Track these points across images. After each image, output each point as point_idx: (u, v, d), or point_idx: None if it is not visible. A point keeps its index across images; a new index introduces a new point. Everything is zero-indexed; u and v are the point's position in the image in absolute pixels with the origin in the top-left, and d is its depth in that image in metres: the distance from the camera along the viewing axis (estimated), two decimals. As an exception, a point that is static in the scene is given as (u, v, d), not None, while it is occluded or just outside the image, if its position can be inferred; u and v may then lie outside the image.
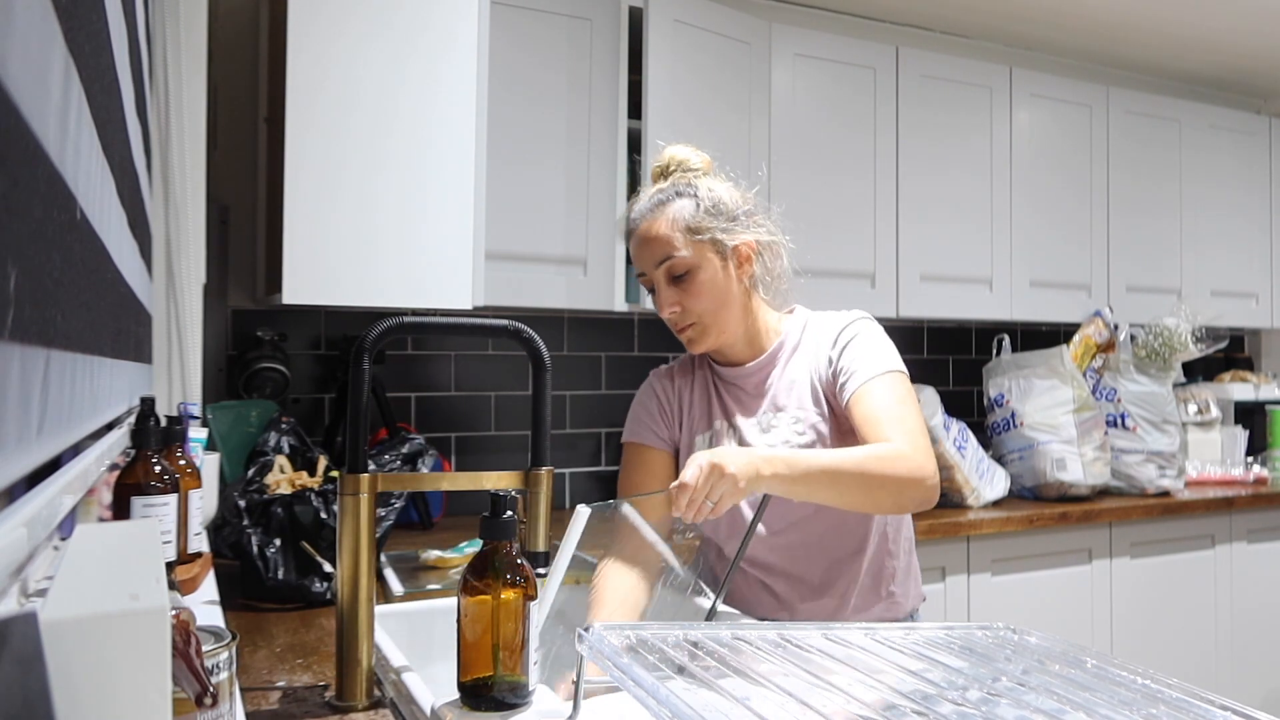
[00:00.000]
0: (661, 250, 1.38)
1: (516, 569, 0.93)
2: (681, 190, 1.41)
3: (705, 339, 1.41)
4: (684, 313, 1.39)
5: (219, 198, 2.16)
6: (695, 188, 1.41)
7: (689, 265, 1.37)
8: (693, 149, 1.49)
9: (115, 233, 0.91)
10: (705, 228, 1.38)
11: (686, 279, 1.38)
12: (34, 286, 0.46)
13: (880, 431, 1.29)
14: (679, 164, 1.46)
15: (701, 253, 1.38)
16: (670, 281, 1.39)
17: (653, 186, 1.46)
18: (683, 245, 1.37)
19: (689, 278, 1.38)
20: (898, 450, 1.25)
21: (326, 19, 1.89)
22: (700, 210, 1.39)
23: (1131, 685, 0.76)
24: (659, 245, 1.38)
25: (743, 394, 1.47)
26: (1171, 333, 2.91)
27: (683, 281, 1.38)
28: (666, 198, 1.41)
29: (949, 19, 3.14)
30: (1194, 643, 2.82)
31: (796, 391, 1.42)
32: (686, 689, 0.67)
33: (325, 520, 1.53)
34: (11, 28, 0.38)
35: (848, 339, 1.40)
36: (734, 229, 1.40)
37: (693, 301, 1.38)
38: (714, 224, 1.39)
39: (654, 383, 1.57)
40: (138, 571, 0.48)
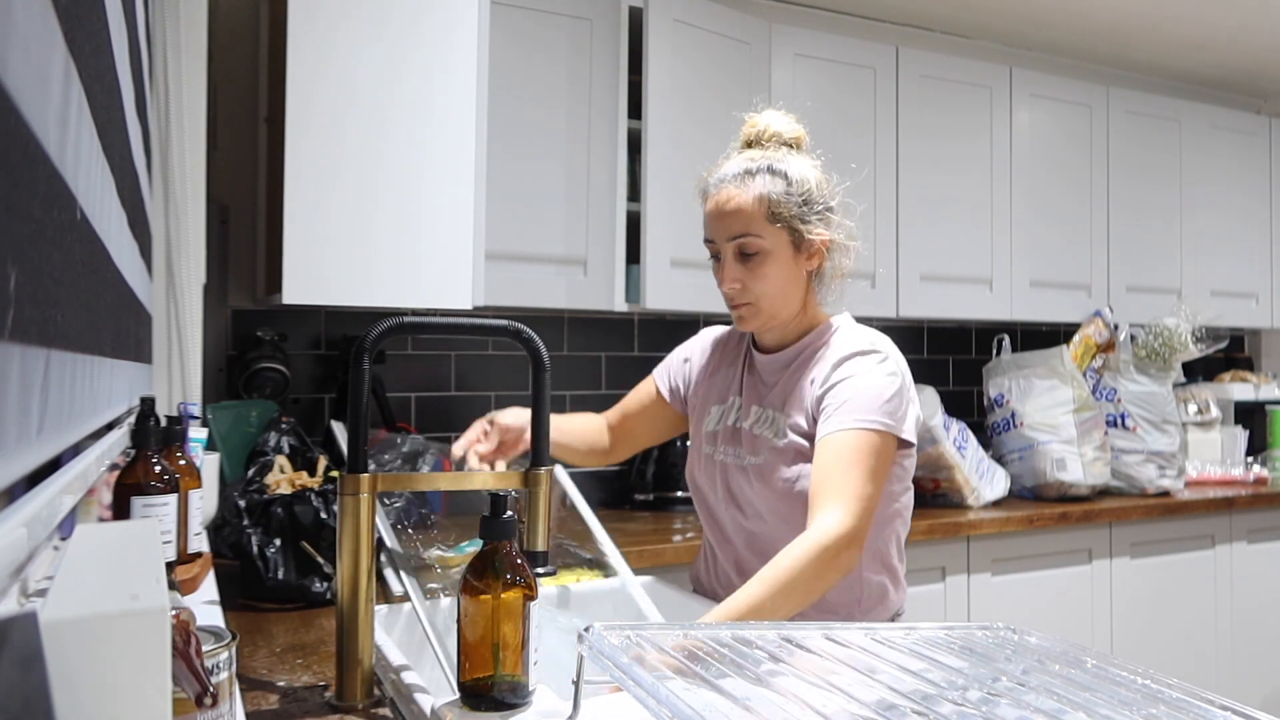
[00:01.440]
0: (739, 225, 1.34)
1: (516, 569, 0.93)
2: (775, 167, 1.35)
3: (755, 320, 1.39)
4: (743, 291, 1.36)
5: (219, 198, 2.16)
6: (788, 168, 1.35)
7: (760, 248, 1.34)
8: (791, 118, 1.43)
9: (115, 233, 0.91)
10: (788, 214, 1.34)
11: (755, 260, 1.35)
12: (34, 286, 0.46)
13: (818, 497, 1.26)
14: (773, 135, 1.40)
15: (777, 238, 1.34)
16: (738, 257, 1.35)
17: (742, 153, 1.40)
18: (760, 226, 1.33)
19: (757, 259, 1.34)
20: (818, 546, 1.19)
21: (326, 19, 1.89)
22: (787, 193, 1.34)
23: (1131, 685, 0.76)
24: (737, 220, 1.34)
25: (756, 378, 1.47)
26: (1171, 333, 2.91)
27: (750, 261, 1.35)
28: (756, 168, 1.35)
29: (949, 19, 3.14)
30: (1194, 643, 2.82)
31: (791, 399, 1.40)
32: (686, 689, 0.67)
33: (325, 520, 1.53)
34: (11, 28, 0.38)
35: (843, 375, 1.34)
36: (815, 221, 1.36)
37: (755, 283, 1.35)
38: (797, 211, 1.34)
39: (704, 340, 1.60)
40: (138, 571, 0.48)
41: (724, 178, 1.37)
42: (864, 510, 1.25)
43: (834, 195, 1.40)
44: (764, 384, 1.46)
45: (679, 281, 2.37)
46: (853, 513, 1.24)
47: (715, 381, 1.53)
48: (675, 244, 2.35)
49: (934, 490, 2.58)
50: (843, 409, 1.30)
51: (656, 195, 2.32)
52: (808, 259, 1.38)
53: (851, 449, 1.28)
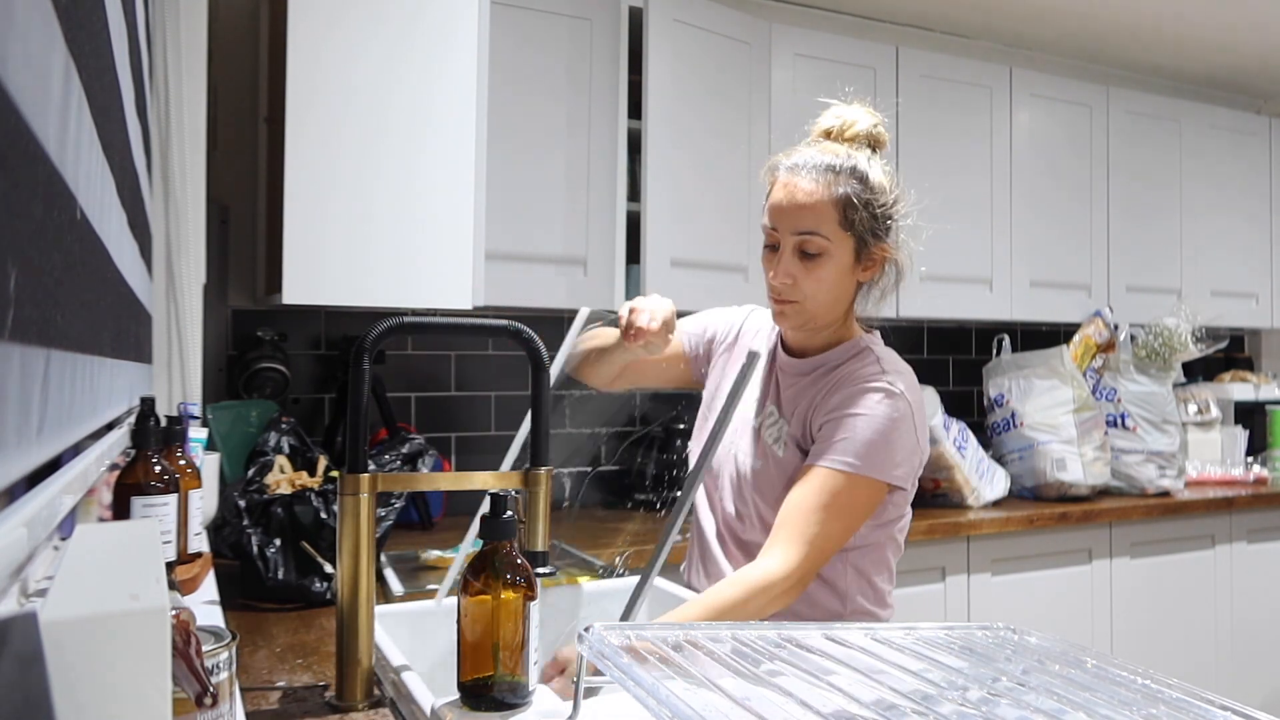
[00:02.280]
0: (808, 221, 1.28)
1: (516, 569, 0.93)
2: (857, 168, 1.30)
3: (796, 319, 1.33)
4: (794, 288, 1.30)
5: (219, 198, 2.16)
6: (869, 173, 1.30)
7: (825, 249, 1.28)
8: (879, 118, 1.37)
9: (115, 233, 0.91)
10: (860, 221, 1.28)
11: (815, 260, 1.29)
12: (34, 286, 0.46)
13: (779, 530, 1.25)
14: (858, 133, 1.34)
15: (843, 243, 1.29)
16: (797, 253, 1.29)
17: (822, 145, 1.34)
18: (831, 228, 1.28)
19: (818, 260, 1.29)
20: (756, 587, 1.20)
21: (326, 19, 1.89)
22: (865, 201, 1.28)
23: (1131, 685, 0.76)
24: (807, 215, 1.28)
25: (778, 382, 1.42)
26: (1171, 333, 2.91)
27: (810, 260, 1.29)
28: (840, 167, 1.29)
29: (949, 19, 3.14)
30: (1194, 643, 2.82)
31: (800, 410, 1.36)
32: (686, 689, 0.67)
33: (325, 520, 1.53)
34: (11, 28, 0.38)
35: (846, 410, 1.29)
36: (881, 233, 1.32)
37: (809, 284, 1.30)
38: (868, 221, 1.29)
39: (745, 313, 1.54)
40: (138, 571, 0.48)
41: (803, 164, 1.30)
42: (817, 553, 1.23)
43: (907, 213, 1.36)
44: (779, 384, 1.42)
45: (679, 281, 2.37)
46: (803, 555, 1.22)
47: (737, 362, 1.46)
48: (675, 244, 2.35)
49: (934, 490, 2.58)
50: (833, 444, 1.27)
51: (656, 195, 2.32)
52: (864, 270, 1.33)
53: (824, 490, 1.25)
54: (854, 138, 1.34)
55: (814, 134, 1.38)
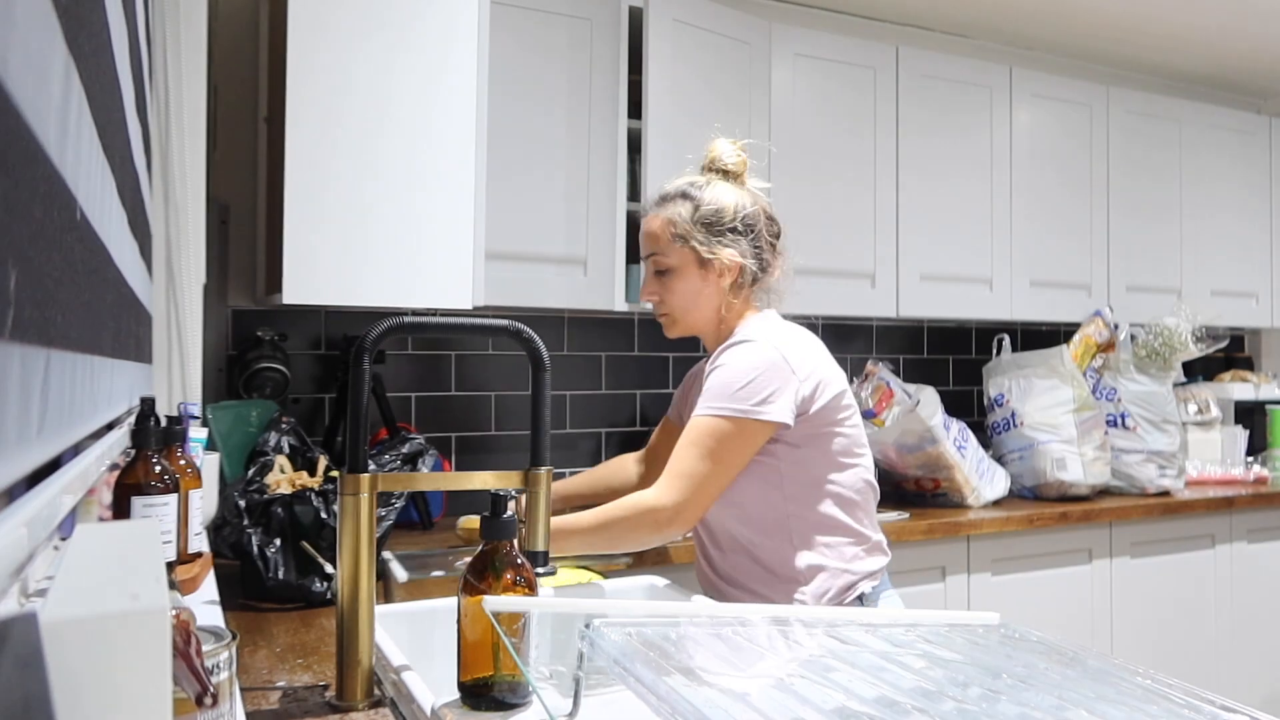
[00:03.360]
0: (650, 245, 1.56)
1: (517, 569, 0.93)
2: (688, 192, 1.54)
3: (673, 328, 1.58)
4: (660, 302, 1.56)
5: (219, 198, 2.16)
6: (702, 194, 1.53)
7: (668, 265, 1.54)
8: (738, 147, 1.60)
9: (115, 233, 0.91)
10: (691, 236, 1.51)
11: (667, 276, 1.54)
12: (34, 286, 0.46)
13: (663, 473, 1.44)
14: (714, 161, 1.59)
15: (683, 257, 1.52)
16: (654, 273, 1.56)
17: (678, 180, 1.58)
18: (666, 246, 1.53)
19: (668, 275, 1.54)
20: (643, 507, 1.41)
21: (327, 19, 1.89)
22: (694, 219, 1.51)
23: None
24: (649, 240, 1.56)
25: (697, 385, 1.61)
26: (1171, 332, 2.91)
27: (663, 277, 1.55)
28: (672, 194, 1.55)
29: (949, 19, 3.14)
30: (1194, 643, 2.82)
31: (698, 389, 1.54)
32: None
33: (325, 520, 1.53)
34: (11, 28, 0.38)
35: (713, 366, 1.48)
36: (718, 244, 1.51)
37: (667, 295, 1.55)
38: (700, 235, 1.50)
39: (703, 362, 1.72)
40: (138, 571, 0.48)
41: (648, 203, 1.59)
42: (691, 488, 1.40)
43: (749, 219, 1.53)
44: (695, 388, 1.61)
45: (679, 281, 2.37)
46: (677, 489, 1.40)
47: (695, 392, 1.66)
48: (675, 244, 2.35)
49: (934, 490, 2.58)
50: (704, 395, 1.46)
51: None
52: (718, 275, 1.53)
53: (694, 432, 1.43)
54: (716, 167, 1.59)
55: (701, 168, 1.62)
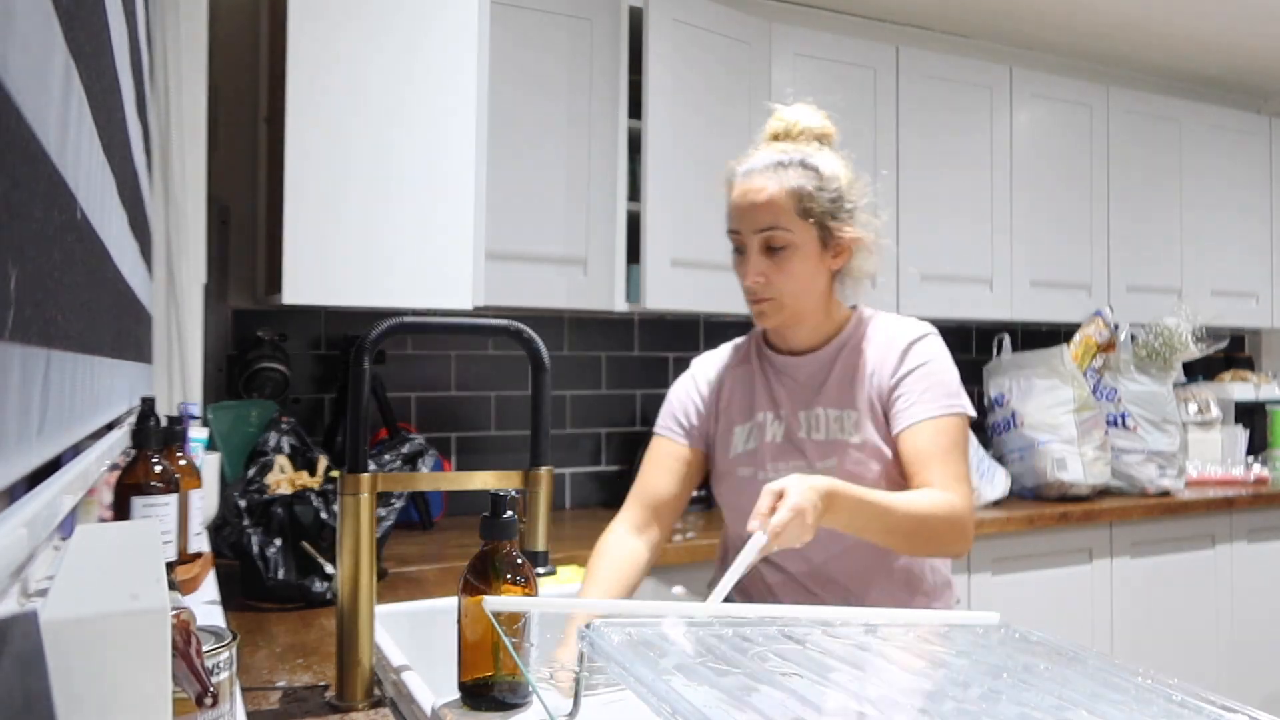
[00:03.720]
0: (767, 218, 1.31)
1: (517, 569, 0.93)
2: (806, 160, 1.33)
3: (777, 316, 1.35)
4: (767, 285, 1.33)
5: (219, 198, 2.16)
6: (820, 163, 1.34)
7: (789, 242, 1.31)
8: (822, 114, 1.42)
9: (115, 233, 0.91)
10: (818, 209, 1.32)
11: (782, 254, 1.32)
12: (34, 286, 0.46)
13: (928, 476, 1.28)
14: (804, 130, 1.39)
15: (806, 233, 1.32)
16: (764, 251, 1.32)
17: (772, 145, 1.38)
18: (790, 220, 1.31)
19: (785, 254, 1.32)
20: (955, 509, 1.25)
21: (327, 19, 1.89)
22: (817, 188, 1.32)
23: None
24: (765, 212, 1.31)
25: (794, 384, 1.42)
26: (1172, 332, 2.91)
27: (777, 255, 1.32)
28: (789, 161, 1.33)
29: (949, 19, 3.14)
30: (1194, 643, 2.82)
31: (852, 394, 1.37)
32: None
33: (325, 520, 1.53)
34: (12, 28, 0.38)
35: (916, 362, 1.35)
36: (844, 219, 1.35)
37: (781, 278, 1.32)
38: (828, 208, 1.32)
39: (695, 373, 1.52)
40: (138, 571, 0.48)
41: (754, 168, 1.34)
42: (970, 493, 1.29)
43: (864, 194, 1.38)
44: (799, 384, 1.42)
45: (679, 281, 2.37)
46: (967, 496, 1.28)
47: (734, 402, 1.46)
48: (675, 244, 2.35)
49: (934, 490, 2.58)
50: (927, 395, 1.33)
51: (656, 195, 2.32)
52: (834, 257, 1.36)
53: (949, 434, 1.31)
54: (801, 134, 1.39)
55: (763, 139, 1.42)
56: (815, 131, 1.39)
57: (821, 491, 1.12)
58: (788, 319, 1.37)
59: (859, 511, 1.18)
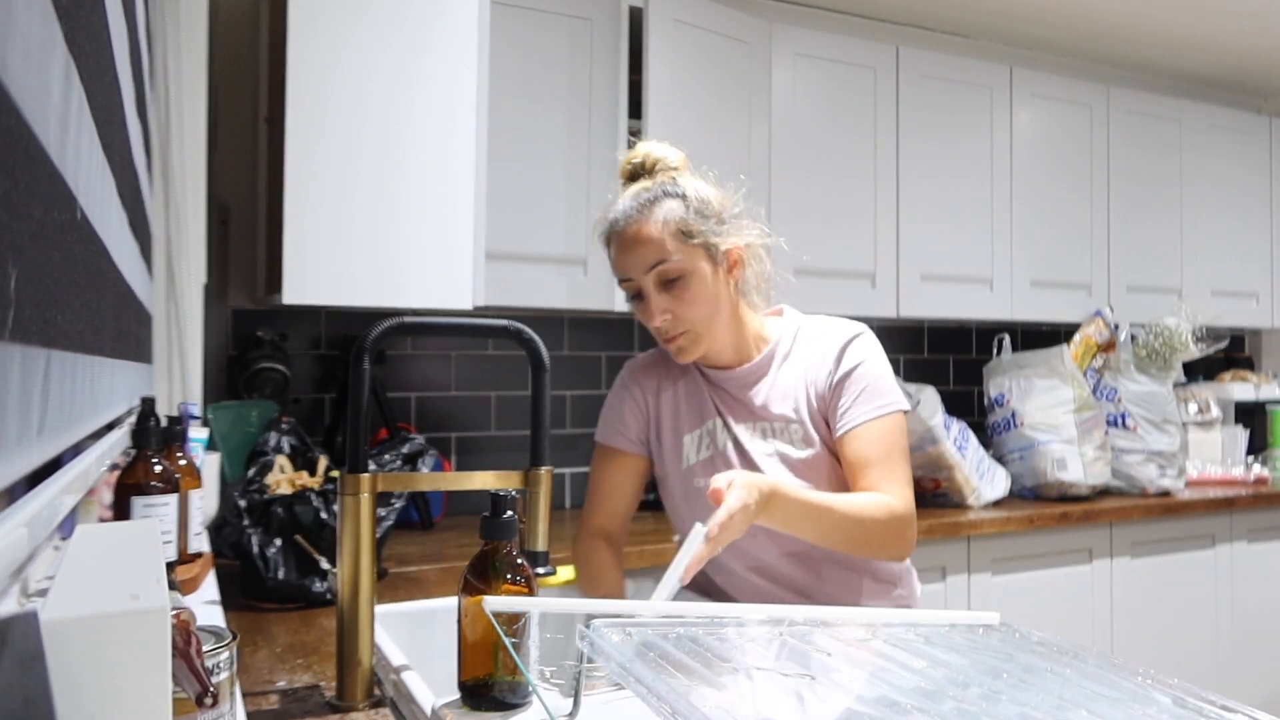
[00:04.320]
0: (653, 254, 1.30)
1: (516, 569, 0.93)
2: (669, 190, 1.32)
3: (696, 348, 1.35)
4: (676, 320, 1.32)
5: (219, 198, 2.16)
6: (681, 187, 1.33)
7: (681, 270, 1.30)
8: (668, 145, 1.41)
9: (115, 233, 0.91)
10: (697, 230, 1.31)
11: (678, 285, 1.30)
12: (34, 286, 0.46)
13: (871, 479, 1.30)
14: (655, 162, 1.37)
15: (694, 257, 1.31)
16: (661, 288, 1.31)
17: (633, 186, 1.36)
18: (675, 249, 1.29)
19: (681, 284, 1.30)
20: (895, 512, 1.27)
21: (327, 20, 1.89)
22: (690, 211, 1.31)
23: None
24: (649, 249, 1.30)
25: (730, 397, 1.42)
26: (1172, 332, 2.91)
27: (674, 287, 1.31)
28: (654, 197, 1.32)
29: (949, 19, 3.14)
30: (1194, 643, 2.82)
31: (791, 401, 1.38)
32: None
33: (325, 520, 1.53)
34: (12, 28, 0.38)
35: (853, 362, 1.36)
36: (723, 231, 1.33)
37: (685, 309, 1.31)
38: (705, 226, 1.31)
39: (628, 379, 1.50)
40: (138, 571, 0.48)
41: (624, 213, 1.33)
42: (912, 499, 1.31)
43: (733, 203, 1.38)
44: (734, 398, 1.41)
45: (679, 281, 2.37)
46: (908, 498, 1.30)
47: (679, 410, 1.45)
48: (675, 244, 2.35)
49: (934, 490, 2.58)
50: (864, 396, 1.34)
51: (656, 195, 2.32)
52: (728, 271, 1.35)
53: (889, 435, 1.33)
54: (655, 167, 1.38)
55: (621, 184, 1.40)
56: (669, 164, 1.38)
57: (764, 489, 1.15)
58: (707, 347, 1.36)
59: (796, 512, 1.20)
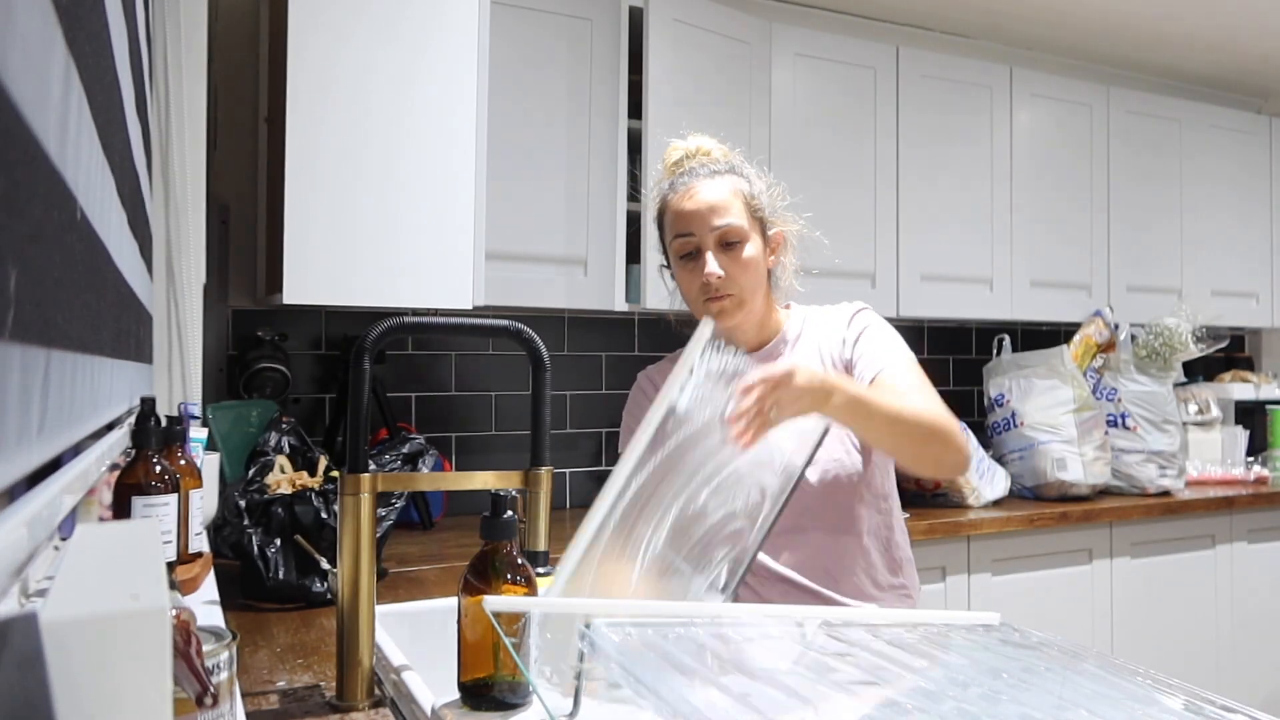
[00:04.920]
0: (720, 215, 1.38)
1: (517, 569, 0.93)
2: (735, 167, 1.44)
3: (737, 313, 1.40)
4: (727, 280, 1.37)
5: (219, 198, 2.16)
6: (744, 169, 1.44)
7: (743, 235, 1.38)
8: (716, 141, 1.50)
9: (115, 233, 0.91)
10: (758, 206, 1.41)
11: (736, 249, 1.38)
12: (34, 286, 0.46)
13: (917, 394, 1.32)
14: (708, 152, 1.48)
15: (753, 229, 1.40)
16: (720, 248, 1.38)
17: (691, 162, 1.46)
18: (741, 215, 1.39)
19: (738, 249, 1.38)
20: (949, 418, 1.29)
21: (327, 19, 1.89)
22: (754, 189, 1.42)
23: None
24: (719, 208, 1.38)
25: None
26: (1172, 332, 2.91)
27: (733, 250, 1.38)
28: (724, 169, 1.43)
29: (949, 19, 3.14)
30: (1194, 643, 2.82)
31: None
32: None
33: (325, 520, 1.53)
34: (11, 28, 0.38)
35: (862, 325, 1.43)
36: (773, 216, 1.44)
37: (739, 272, 1.38)
38: (763, 205, 1.42)
39: (644, 384, 1.55)
40: (138, 571, 0.48)
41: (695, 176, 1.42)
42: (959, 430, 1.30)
43: (782, 197, 1.47)
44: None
45: (679, 281, 2.37)
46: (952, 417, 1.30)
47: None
48: (675, 244, 2.35)
49: (934, 490, 2.58)
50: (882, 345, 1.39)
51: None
52: (770, 253, 1.44)
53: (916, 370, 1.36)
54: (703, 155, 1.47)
55: (666, 168, 1.49)
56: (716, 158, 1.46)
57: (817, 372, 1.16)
58: (745, 315, 1.42)
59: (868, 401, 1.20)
